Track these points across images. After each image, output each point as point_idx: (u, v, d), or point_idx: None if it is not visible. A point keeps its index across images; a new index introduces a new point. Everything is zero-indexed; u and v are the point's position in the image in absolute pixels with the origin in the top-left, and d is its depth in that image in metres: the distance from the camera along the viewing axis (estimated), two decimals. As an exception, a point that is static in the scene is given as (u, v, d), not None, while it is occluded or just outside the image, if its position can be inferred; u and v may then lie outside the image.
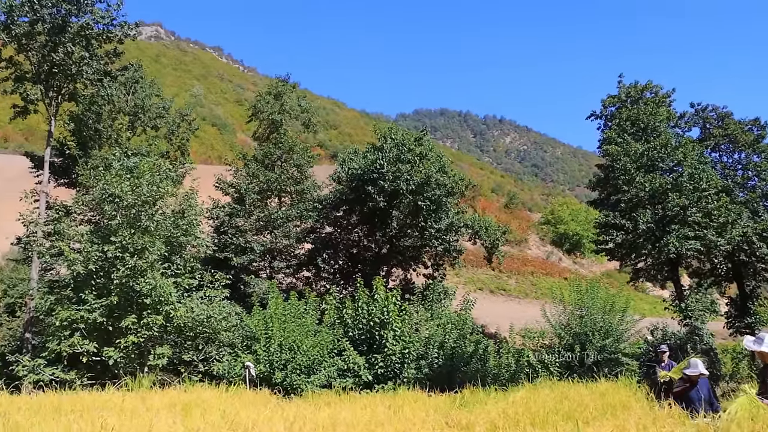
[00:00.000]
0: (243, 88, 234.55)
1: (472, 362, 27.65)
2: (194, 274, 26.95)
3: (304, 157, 42.78)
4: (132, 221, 24.96)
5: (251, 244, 38.42)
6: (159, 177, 25.91)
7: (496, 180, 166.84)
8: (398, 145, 38.36)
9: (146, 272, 24.14)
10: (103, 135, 35.82)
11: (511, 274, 79.87)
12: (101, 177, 26.15)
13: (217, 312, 25.39)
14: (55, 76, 33.48)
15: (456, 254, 40.34)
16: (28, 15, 32.05)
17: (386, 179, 37.15)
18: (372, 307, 27.49)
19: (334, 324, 27.88)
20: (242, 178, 41.27)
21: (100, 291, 24.77)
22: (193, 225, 26.76)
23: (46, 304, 25.54)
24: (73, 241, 26.76)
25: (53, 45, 32.42)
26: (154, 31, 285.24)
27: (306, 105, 48.32)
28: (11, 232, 44.09)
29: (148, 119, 38.74)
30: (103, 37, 33.66)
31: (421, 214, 38.36)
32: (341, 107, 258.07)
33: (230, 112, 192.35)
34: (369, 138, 56.18)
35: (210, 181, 39.12)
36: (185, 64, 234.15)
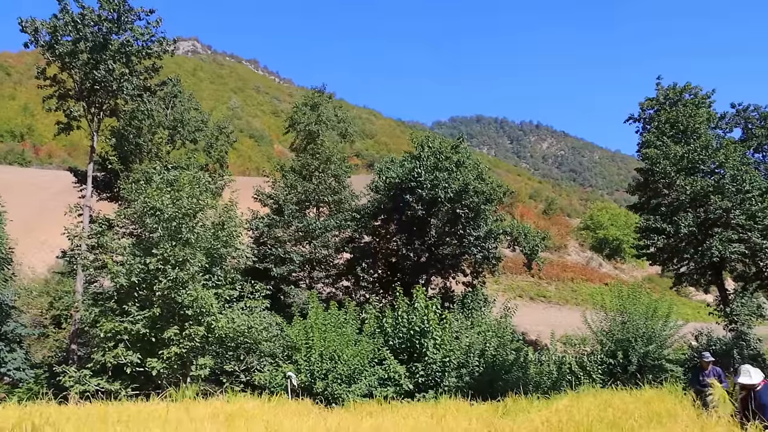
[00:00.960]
0: (279, 100, 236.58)
1: (513, 370, 27.46)
2: (235, 285, 27.20)
3: (342, 167, 42.90)
4: (173, 233, 25.28)
5: (290, 255, 38.60)
6: (199, 189, 26.22)
7: (533, 186, 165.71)
8: (435, 153, 38.33)
9: (188, 284, 24.43)
10: (143, 149, 36.37)
11: (551, 281, 79.16)
12: (142, 190, 26.55)
13: (258, 322, 25.57)
14: (97, 92, 34.16)
15: (495, 261, 40.08)
16: (71, 34, 32.80)
17: (424, 187, 37.12)
18: (412, 315, 27.49)
19: (374, 333, 27.91)
20: (280, 189, 41.51)
21: (143, 303, 25.13)
22: (233, 236, 27.02)
23: (90, 316, 25.94)
24: (116, 253, 27.18)
25: (95, 62, 33.11)
26: (191, 46, 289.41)
27: (342, 115, 48.54)
28: (57, 246, 44.97)
29: (187, 133, 39.24)
30: (143, 53, 34.29)
31: (460, 222, 38.23)
32: (377, 116, 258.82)
33: (267, 124, 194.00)
34: (405, 146, 56.25)
35: (248, 192, 39.43)
36: (222, 78, 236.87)
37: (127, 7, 33.62)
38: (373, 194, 41.47)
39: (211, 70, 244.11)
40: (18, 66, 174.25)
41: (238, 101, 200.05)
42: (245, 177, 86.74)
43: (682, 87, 42.58)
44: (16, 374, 29.89)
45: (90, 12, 33.03)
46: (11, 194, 48.61)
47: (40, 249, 57.88)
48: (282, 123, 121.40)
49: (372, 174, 44.72)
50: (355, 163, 59.30)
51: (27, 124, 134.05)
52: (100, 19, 33.12)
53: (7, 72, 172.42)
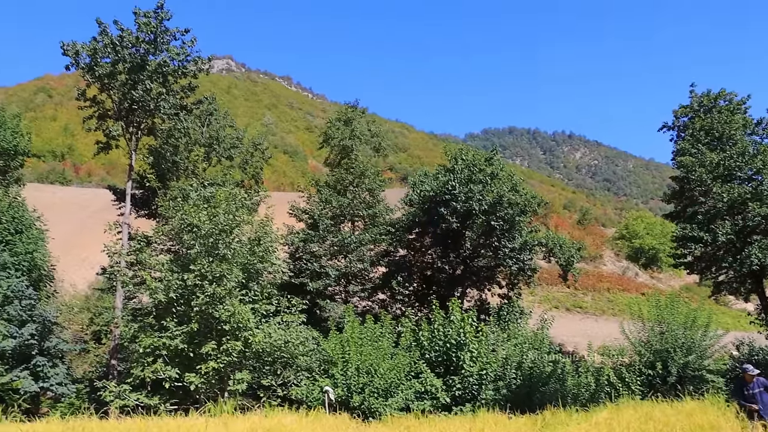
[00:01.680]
0: (313, 116, 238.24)
1: (550, 382, 27.25)
2: (271, 299, 27.37)
3: (376, 181, 43.05)
4: (210, 249, 25.57)
5: (326, 269, 38.79)
6: (235, 206, 26.49)
7: (567, 196, 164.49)
8: (469, 166, 38.33)
9: (225, 299, 24.67)
10: (180, 167, 36.91)
11: (587, 291, 78.39)
12: (180, 207, 26.91)
13: (295, 337, 25.68)
14: (135, 112, 34.85)
15: (530, 273, 39.90)
16: (110, 56, 33.55)
17: (458, 200, 37.13)
18: (448, 328, 27.46)
19: (410, 346, 27.91)
20: (315, 204, 41.79)
21: (181, 318, 25.41)
22: (269, 252, 27.23)
23: (130, 331, 26.32)
24: (155, 270, 27.54)
25: (133, 83, 33.80)
26: (226, 64, 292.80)
27: (375, 129, 48.71)
28: (97, 263, 45.71)
29: (223, 150, 39.74)
30: (179, 72, 34.92)
31: (495, 234, 38.15)
32: (410, 130, 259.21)
33: (301, 139, 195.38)
34: (439, 159, 56.26)
35: (284, 207, 39.76)
36: (256, 95, 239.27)
37: (163, 28, 34.30)
38: (407, 208, 41.58)
39: (245, 87, 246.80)
40: (59, 88, 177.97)
41: (272, 118, 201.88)
42: (280, 192, 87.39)
43: (717, 94, 42.08)
44: (58, 389, 30.40)
45: (128, 34, 33.77)
46: (53, 213, 49.62)
47: (80, 266, 58.88)
48: (316, 138, 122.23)
49: (406, 187, 44.83)
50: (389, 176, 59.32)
51: (67, 144, 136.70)
52: (138, 41, 33.85)
53: (48, 94, 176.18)
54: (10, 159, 41.29)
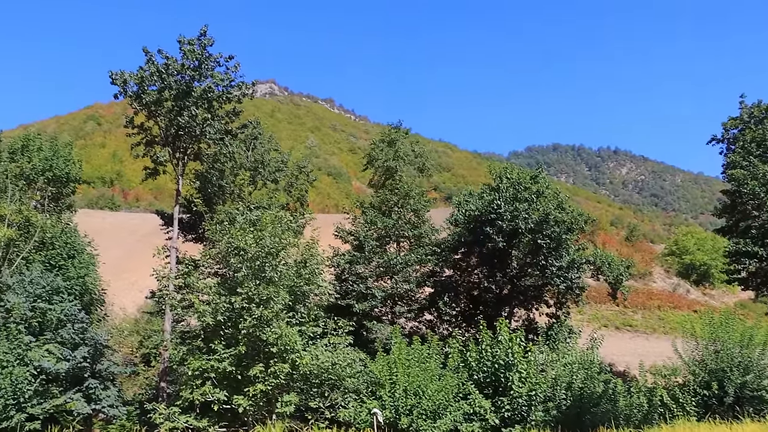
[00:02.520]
0: (356, 137, 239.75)
1: (601, 403, 26.78)
2: (318, 321, 27.46)
3: (421, 201, 43.02)
4: (257, 272, 25.76)
5: (372, 290, 38.79)
6: (281, 228, 26.68)
7: (614, 213, 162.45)
8: (514, 184, 38.13)
9: (272, 322, 24.80)
10: (226, 191, 37.37)
11: (637, 309, 76.98)
12: (226, 231, 27.22)
13: (342, 359, 25.69)
14: (181, 138, 35.46)
15: (579, 291, 39.35)
16: (156, 84, 34.28)
17: (504, 219, 36.90)
18: (496, 349, 27.19)
19: (458, 367, 27.70)
20: (360, 225, 41.91)
21: (229, 341, 25.62)
22: (315, 274, 27.35)
23: (178, 354, 26.61)
24: (202, 293, 27.83)
25: (179, 109, 34.44)
26: (269, 88, 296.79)
27: (419, 150, 48.73)
28: (145, 286, 46.42)
29: (268, 173, 40.15)
30: (224, 98, 35.49)
31: (541, 253, 37.79)
32: (453, 149, 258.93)
33: (344, 161, 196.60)
34: (483, 178, 56.06)
35: (329, 229, 39.93)
36: (299, 117, 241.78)
37: (207, 55, 34.92)
38: (452, 228, 41.45)
39: (288, 110, 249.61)
40: (108, 116, 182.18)
41: (316, 140, 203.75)
42: (325, 214, 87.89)
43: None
44: (109, 411, 30.83)
45: (173, 62, 34.45)
46: (103, 238, 50.54)
47: (130, 290, 59.79)
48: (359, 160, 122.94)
49: (451, 207, 44.68)
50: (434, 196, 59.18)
51: (116, 170, 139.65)
52: (183, 68, 34.53)
53: (98, 122, 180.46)
54: (63, 186, 42.19)
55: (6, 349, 26.81)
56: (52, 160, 41.25)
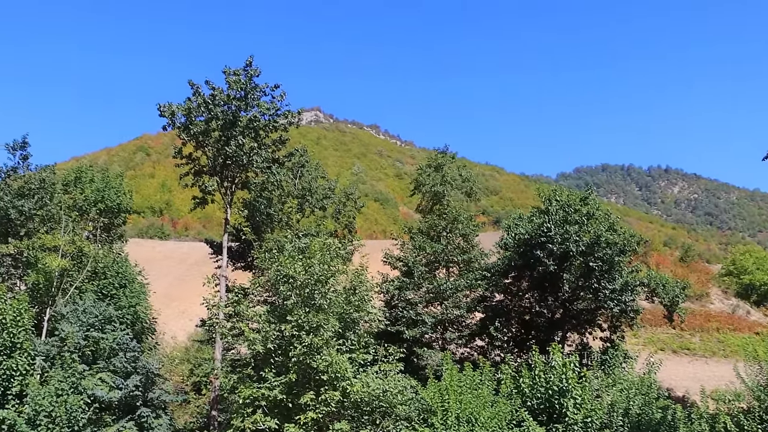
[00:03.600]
0: (402, 162, 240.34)
1: (660, 430, 26.02)
2: (368, 348, 27.27)
3: (469, 226, 42.73)
4: (306, 300, 25.70)
5: (422, 316, 38.56)
6: (329, 256, 26.64)
7: (667, 233, 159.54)
8: (564, 207, 37.66)
9: (322, 349, 24.68)
10: (274, 219, 37.57)
11: (694, 332, 75.04)
12: (275, 259, 27.26)
13: (393, 386, 25.44)
14: (229, 167, 35.85)
15: (633, 315, 38.53)
16: (203, 114, 34.78)
17: (554, 242, 36.43)
18: (549, 374, 26.61)
19: (511, 394, 27.14)
20: (409, 251, 41.77)
21: (279, 369, 25.57)
22: (364, 301, 27.21)
23: (229, 382, 26.68)
24: (252, 321, 27.88)
25: (226, 139, 34.86)
26: (314, 116, 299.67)
27: (466, 174, 48.56)
28: (195, 315, 46.80)
29: (316, 201, 40.33)
30: (270, 127, 35.85)
31: (594, 275, 37.14)
32: (500, 172, 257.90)
33: (391, 186, 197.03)
34: (531, 201, 55.55)
35: (377, 255, 39.82)
36: (345, 144, 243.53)
37: (252, 85, 35.31)
38: (502, 251, 41.06)
39: (334, 137, 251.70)
40: (156, 147, 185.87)
41: (362, 166, 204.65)
42: (372, 240, 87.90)
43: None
44: (161, 440, 30.93)
45: (219, 92, 34.96)
46: (153, 267, 51.21)
47: (180, 318, 60.38)
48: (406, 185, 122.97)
49: (499, 231, 44.35)
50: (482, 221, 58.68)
51: (165, 199, 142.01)
52: (229, 99, 35.00)
53: (147, 153, 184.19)
54: (114, 217, 42.97)
55: (61, 378, 27.13)
56: (104, 192, 42.09)
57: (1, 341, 26.12)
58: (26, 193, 33.87)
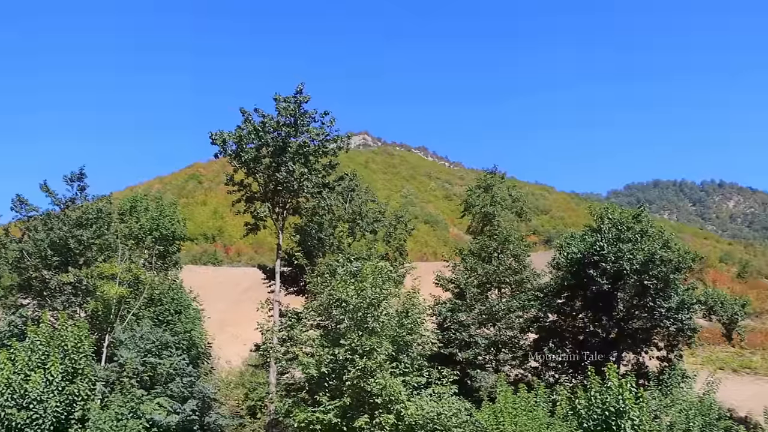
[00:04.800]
0: (451, 184, 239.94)
1: (723, 451, 25.36)
2: (422, 371, 27.27)
3: (520, 246, 42.54)
4: (359, 323, 25.87)
5: (475, 338, 38.41)
6: (381, 279, 26.79)
7: (723, 248, 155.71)
8: (616, 225, 37.33)
9: (376, 372, 24.77)
10: (325, 243, 37.91)
11: (756, 350, 73.03)
12: (327, 283, 27.54)
13: (447, 408, 25.39)
14: (280, 193, 36.40)
15: (691, 333, 37.82)
16: (254, 141, 35.44)
17: (607, 261, 36.07)
18: (606, 395, 26.22)
19: (567, 416, 26.85)
20: (461, 272, 41.71)
21: (333, 392, 25.73)
22: (417, 323, 27.28)
23: (284, 406, 26.96)
24: (306, 345, 28.14)
25: (276, 165, 35.45)
26: (362, 139, 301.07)
27: (516, 194, 48.45)
28: (249, 339, 47.24)
29: (366, 224, 40.63)
30: (320, 152, 36.30)
31: (649, 294, 36.65)
32: (550, 191, 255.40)
33: (441, 208, 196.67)
34: (582, 219, 55.03)
35: (428, 278, 39.83)
36: (394, 167, 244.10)
37: (302, 111, 35.87)
38: (554, 271, 40.77)
39: (382, 161, 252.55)
40: (208, 174, 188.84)
41: (411, 188, 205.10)
42: (423, 262, 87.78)
43: None
44: (218, 463, 31.30)
45: (269, 119, 35.61)
46: (207, 292, 51.92)
47: (234, 343, 60.97)
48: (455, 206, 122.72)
49: (551, 250, 44.01)
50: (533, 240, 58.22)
51: (217, 226, 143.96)
52: (279, 125, 35.63)
53: (199, 180, 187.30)
54: (169, 244, 43.85)
55: (120, 402, 27.74)
56: (159, 220, 43.03)
57: (63, 367, 26.77)
58: (84, 223, 34.72)
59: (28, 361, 26.44)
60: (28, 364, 26.39)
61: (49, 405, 25.80)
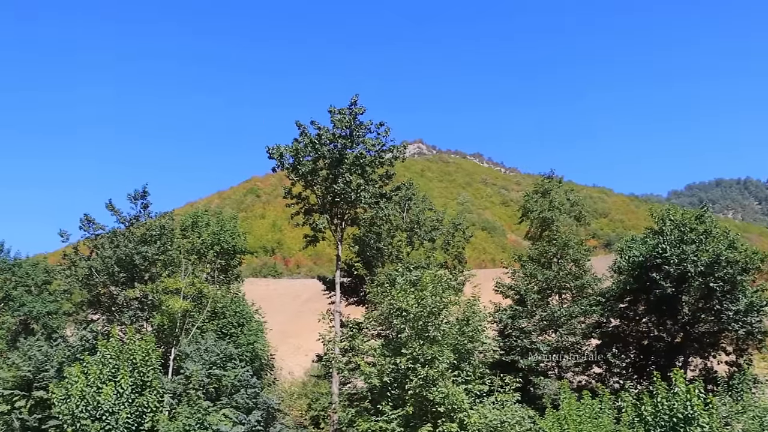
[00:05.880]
0: (507, 189, 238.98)
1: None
2: (483, 379, 27.12)
3: (580, 251, 42.06)
4: (420, 332, 25.87)
5: (537, 345, 38.14)
6: (441, 287, 26.78)
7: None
8: (679, 226, 36.60)
9: (438, 381, 24.74)
10: (384, 253, 38.10)
11: (830, 353, 70.63)
12: (387, 293, 27.63)
13: (510, 416, 25.18)
14: (338, 204, 36.73)
15: (761, 337, 36.75)
16: (310, 154, 35.85)
17: (671, 263, 35.40)
18: (673, 401, 25.68)
19: (633, 423, 26.36)
20: (520, 279, 41.50)
21: (396, 402, 25.76)
22: (478, 331, 27.15)
23: (347, 416, 27.15)
24: (367, 355, 28.27)
25: (333, 177, 35.79)
26: (417, 148, 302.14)
27: (575, 198, 47.85)
28: (310, 350, 47.75)
29: (424, 233, 40.72)
30: (376, 162, 36.50)
31: (715, 297, 35.81)
32: (608, 194, 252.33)
33: (498, 214, 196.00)
34: (642, 222, 54.05)
35: (487, 284, 39.69)
36: (449, 174, 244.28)
37: (357, 123, 36.16)
38: (616, 275, 40.16)
39: (438, 168, 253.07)
40: (265, 188, 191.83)
41: (468, 195, 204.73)
42: (482, 269, 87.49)
43: None
44: (284, 473, 31.64)
45: (325, 131, 35.99)
46: (268, 304, 52.72)
47: (295, 353, 61.73)
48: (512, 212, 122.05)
49: (611, 254, 43.39)
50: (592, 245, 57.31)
51: (276, 239, 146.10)
52: (335, 137, 35.99)
53: (257, 194, 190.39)
54: (230, 258, 44.61)
55: (188, 414, 28.28)
56: (220, 234, 43.81)
57: (132, 380, 27.43)
58: (148, 240, 35.56)
59: (99, 375, 27.21)
60: (99, 377, 27.15)
61: (121, 416, 26.47)
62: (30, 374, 34.54)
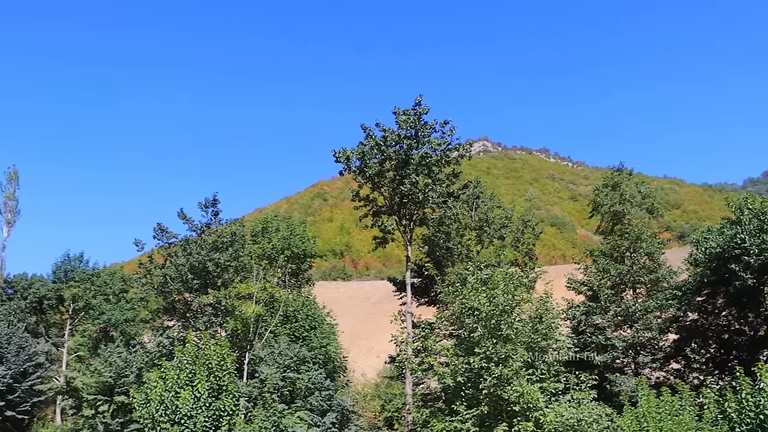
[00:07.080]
0: (575, 184, 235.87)
1: None
2: (558, 377, 26.80)
3: (654, 244, 41.12)
4: (493, 331, 25.70)
5: (612, 341, 37.48)
6: (513, 285, 26.57)
7: None
8: (758, 215, 35.34)
9: (512, 380, 24.54)
10: (454, 252, 38.01)
11: None
12: (459, 292, 27.54)
13: (587, 414, 24.81)
14: (406, 205, 36.84)
15: None
16: (376, 156, 36.04)
17: (751, 254, 34.22)
18: (759, 397, 24.87)
19: (716, 420, 25.64)
20: (593, 274, 40.84)
21: (470, 401, 25.66)
22: (551, 328, 26.83)
23: (421, 416, 27.14)
24: (440, 355, 28.24)
25: (400, 178, 35.91)
26: (482, 146, 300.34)
27: (646, 190, 46.85)
28: (381, 351, 47.96)
29: (494, 231, 40.49)
30: (442, 162, 36.47)
31: (801, 287, 34.43)
32: (680, 184, 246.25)
33: (566, 210, 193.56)
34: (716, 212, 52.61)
35: (559, 281, 39.19)
36: (515, 171, 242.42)
37: (422, 123, 36.19)
38: (692, 268, 39.09)
39: (504, 165, 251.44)
40: (331, 191, 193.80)
41: (535, 191, 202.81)
42: (552, 266, 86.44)
43: None
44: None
45: (390, 133, 36.13)
46: (338, 307, 53.16)
47: (367, 355, 62.07)
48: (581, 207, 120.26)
49: (685, 246, 42.30)
50: (666, 237, 55.96)
51: (345, 242, 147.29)
52: (400, 138, 36.10)
53: (324, 198, 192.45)
54: (301, 262, 45.18)
55: (263, 417, 28.75)
56: (290, 239, 44.41)
57: (209, 384, 28.01)
58: (220, 247, 36.29)
59: (177, 379, 27.86)
60: (177, 381, 27.81)
61: (198, 420, 27.05)
62: (111, 380, 35.73)
